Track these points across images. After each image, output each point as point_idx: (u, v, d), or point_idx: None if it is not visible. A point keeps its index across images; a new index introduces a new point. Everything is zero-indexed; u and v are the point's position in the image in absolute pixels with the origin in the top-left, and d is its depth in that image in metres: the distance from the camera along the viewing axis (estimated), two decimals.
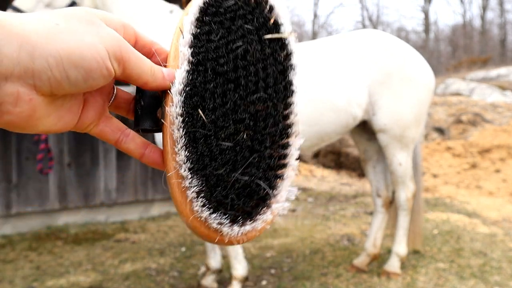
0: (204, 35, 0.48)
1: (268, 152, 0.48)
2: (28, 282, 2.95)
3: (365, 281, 2.90)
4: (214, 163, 0.46)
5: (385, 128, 2.81)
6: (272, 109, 0.49)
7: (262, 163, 0.48)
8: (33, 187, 3.98)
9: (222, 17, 0.49)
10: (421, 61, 2.90)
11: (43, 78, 0.38)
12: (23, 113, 0.39)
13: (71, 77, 0.39)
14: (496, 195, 5.83)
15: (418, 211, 3.16)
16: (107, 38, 0.42)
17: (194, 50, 0.47)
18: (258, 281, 2.99)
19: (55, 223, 4.13)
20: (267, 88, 0.49)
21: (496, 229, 4.18)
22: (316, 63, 2.68)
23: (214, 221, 0.46)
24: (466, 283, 2.83)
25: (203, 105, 0.46)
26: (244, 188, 0.47)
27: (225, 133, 0.46)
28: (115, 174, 4.30)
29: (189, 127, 0.45)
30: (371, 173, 3.21)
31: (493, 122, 9.04)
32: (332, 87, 2.64)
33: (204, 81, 0.46)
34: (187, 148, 0.45)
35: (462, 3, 32.15)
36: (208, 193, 0.46)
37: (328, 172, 7.87)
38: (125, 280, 2.99)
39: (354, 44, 2.79)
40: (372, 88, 2.73)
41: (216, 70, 0.47)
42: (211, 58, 0.47)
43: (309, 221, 4.50)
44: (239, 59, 0.48)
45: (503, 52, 28.45)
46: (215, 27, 0.48)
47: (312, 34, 32.89)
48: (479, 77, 15.42)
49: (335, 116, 2.65)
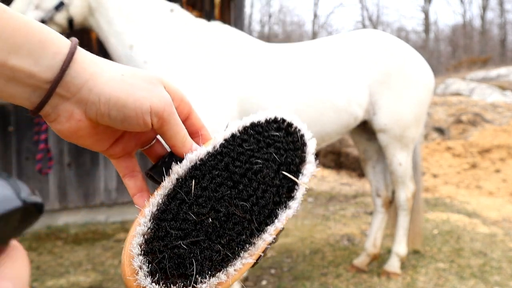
0: (239, 139, 0.58)
1: (217, 248, 0.50)
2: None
3: (365, 281, 2.90)
4: (173, 230, 0.50)
5: (386, 128, 2.81)
6: (246, 221, 0.53)
7: (206, 254, 0.49)
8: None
9: (261, 137, 0.59)
10: (421, 61, 2.91)
11: (92, 108, 0.50)
12: (71, 128, 0.51)
13: (111, 115, 0.50)
14: (496, 195, 5.83)
15: (418, 211, 3.16)
16: (157, 97, 0.52)
17: (223, 143, 0.57)
18: (258, 281, 2.99)
19: (55, 223, 4.14)
20: (255, 205, 0.54)
21: (496, 229, 4.18)
22: (317, 63, 2.68)
23: None
24: (466, 283, 2.84)
25: (199, 180, 0.53)
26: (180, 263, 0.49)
27: (199, 209, 0.51)
28: (115, 174, 4.30)
29: (177, 187, 0.53)
30: (370, 173, 3.21)
31: (493, 122, 9.05)
32: (333, 87, 2.64)
33: (214, 166, 0.55)
34: (159, 207, 0.52)
35: (462, 3, 32.15)
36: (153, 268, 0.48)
37: (328, 172, 7.87)
38: None
39: (355, 44, 2.79)
40: (373, 88, 2.74)
41: (229, 166, 0.55)
42: (231, 156, 0.56)
43: (309, 221, 4.50)
44: (251, 171, 0.55)
45: (503, 52, 28.45)
46: (251, 140, 0.58)
47: (312, 34, 32.88)
48: (479, 77, 15.42)
49: (336, 116, 2.66)
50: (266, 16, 31.66)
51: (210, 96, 2.34)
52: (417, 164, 3.16)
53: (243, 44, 2.59)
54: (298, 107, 2.54)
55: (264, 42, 2.74)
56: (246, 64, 2.49)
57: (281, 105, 2.50)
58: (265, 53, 2.63)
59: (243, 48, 2.57)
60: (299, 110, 2.54)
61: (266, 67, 2.55)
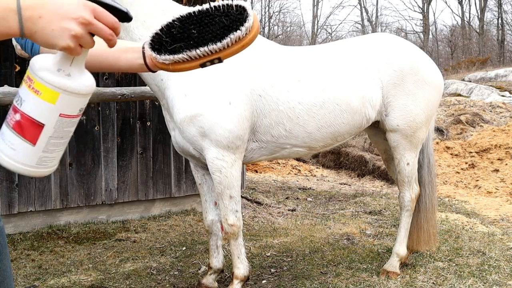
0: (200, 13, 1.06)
1: (185, 45, 1.02)
2: (30, 281, 2.97)
3: (364, 280, 2.93)
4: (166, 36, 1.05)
5: (398, 129, 2.85)
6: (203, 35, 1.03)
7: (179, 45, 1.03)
8: (35, 187, 4.00)
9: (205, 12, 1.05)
10: (432, 63, 2.98)
11: None
12: None
13: None
14: (495, 194, 5.86)
15: (433, 211, 3.15)
16: None
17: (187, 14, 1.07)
18: (258, 280, 3.01)
19: (57, 222, 4.15)
20: (207, 32, 1.02)
21: (494, 229, 4.21)
22: (331, 65, 2.72)
23: None
24: (464, 282, 2.86)
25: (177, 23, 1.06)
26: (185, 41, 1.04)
27: (178, 30, 1.04)
28: (116, 174, 4.32)
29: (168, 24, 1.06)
30: (395, 172, 3.22)
31: (491, 122, 9.08)
32: (347, 89, 2.68)
33: (186, 19, 1.06)
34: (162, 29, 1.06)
35: (460, 4, 32.19)
36: None
37: (328, 171, 7.89)
38: (126, 279, 3.01)
39: (368, 46, 2.86)
40: (386, 90, 2.78)
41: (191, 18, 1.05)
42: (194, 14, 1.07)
43: (309, 220, 4.52)
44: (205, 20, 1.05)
45: (502, 53, 28.50)
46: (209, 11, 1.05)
47: (311, 34, 32.91)
48: (478, 78, 15.46)
49: (349, 117, 2.70)
50: (266, 17, 31.69)
51: (216, 83, 2.44)
52: (430, 162, 3.17)
53: (258, 45, 2.63)
54: (311, 108, 2.59)
55: (282, 45, 2.84)
56: (259, 61, 2.56)
57: (292, 103, 2.55)
58: (281, 54, 2.69)
59: (258, 49, 2.61)
60: (311, 110, 2.59)
61: (279, 65, 2.61)
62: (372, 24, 34.41)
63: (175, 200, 4.63)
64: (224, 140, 2.42)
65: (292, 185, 6.56)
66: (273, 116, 2.53)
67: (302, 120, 2.58)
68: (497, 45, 29.88)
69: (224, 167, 2.46)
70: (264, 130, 2.56)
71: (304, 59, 2.72)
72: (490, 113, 9.89)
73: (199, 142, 2.44)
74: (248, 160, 2.71)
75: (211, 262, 2.86)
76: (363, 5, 34.63)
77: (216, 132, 2.40)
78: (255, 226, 4.31)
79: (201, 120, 2.39)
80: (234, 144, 2.45)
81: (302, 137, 2.63)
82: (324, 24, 34.35)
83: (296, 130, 2.60)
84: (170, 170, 4.56)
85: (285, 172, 7.68)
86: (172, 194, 4.59)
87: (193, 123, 2.39)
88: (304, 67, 2.66)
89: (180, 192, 4.63)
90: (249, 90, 2.48)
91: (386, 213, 4.80)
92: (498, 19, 30.30)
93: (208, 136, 2.41)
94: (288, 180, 7.07)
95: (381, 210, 4.89)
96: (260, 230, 4.17)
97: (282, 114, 2.54)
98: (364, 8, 34.67)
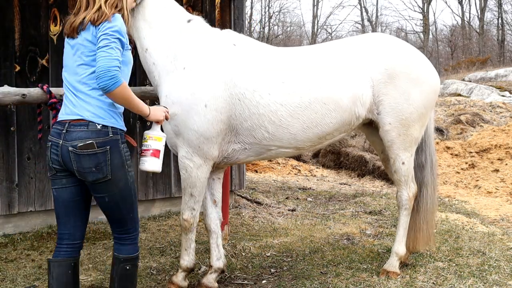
0: None
1: None
2: (30, 281, 2.97)
3: (364, 280, 2.93)
4: None
5: (390, 128, 2.85)
6: None
7: None
8: (35, 187, 4.00)
9: None
10: (427, 63, 2.98)
11: None
12: None
13: None
14: (495, 194, 5.86)
15: (432, 211, 3.15)
16: None
17: None
18: (258, 280, 3.01)
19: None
20: None
21: (494, 229, 4.21)
22: (320, 65, 2.74)
23: None
24: (464, 282, 2.86)
25: None
26: None
27: None
28: None
29: None
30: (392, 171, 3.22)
31: (491, 122, 9.08)
32: (336, 87, 2.69)
33: None
34: None
35: (460, 4, 32.20)
36: None
37: (328, 171, 7.89)
38: None
39: (360, 46, 2.86)
40: (377, 89, 2.78)
41: None
42: None
43: (309, 220, 4.52)
44: None
45: (502, 52, 28.48)
46: None
47: (311, 34, 32.91)
48: (478, 78, 15.46)
49: (338, 116, 2.71)
50: (266, 17, 31.69)
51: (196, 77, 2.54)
52: (432, 161, 3.16)
53: (244, 47, 2.72)
54: (295, 109, 2.62)
55: (273, 46, 2.89)
56: (242, 64, 2.63)
57: (274, 106, 2.60)
58: (268, 55, 2.73)
59: (244, 51, 2.69)
60: (296, 112, 2.63)
61: (264, 67, 2.66)
62: (372, 24, 34.41)
63: (175, 200, 4.63)
64: (195, 140, 2.56)
65: (292, 185, 6.56)
66: (254, 120, 2.59)
67: (286, 122, 2.61)
68: (497, 45, 29.87)
69: (190, 167, 2.62)
70: (246, 132, 2.63)
71: (292, 60, 2.75)
72: (490, 113, 9.89)
73: (174, 139, 2.63)
74: (234, 161, 2.78)
75: (211, 261, 2.86)
76: (363, 5, 34.62)
77: (188, 132, 2.56)
78: (255, 226, 4.31)
79: (176, 119, 2.55)
80: (204, 145, 2.57)
81: (287, 139, 2.67)
82: (324, 24, 34.36)
83: (280, 132, 2.64)
84: (170, 170, 4.56)
85: (285, 172, 7.68)
86: (172, 194, 4.59)
87: (169, 122, 2.53)
88: (290, 68, 2.68)
89: (180, 192, 4.60)
90: (227, 94, 2.56)
91: (386, 213, 4.80)
92: (498, 19, 30.28)
93: (181, 134, 2.58)
94: (288, 180, 7.07)
95: (381, 210, 4.89)
96: (260, 230, 4.17)
97: (263, 118, 2.59)
98: (364, 8, 34.66)
